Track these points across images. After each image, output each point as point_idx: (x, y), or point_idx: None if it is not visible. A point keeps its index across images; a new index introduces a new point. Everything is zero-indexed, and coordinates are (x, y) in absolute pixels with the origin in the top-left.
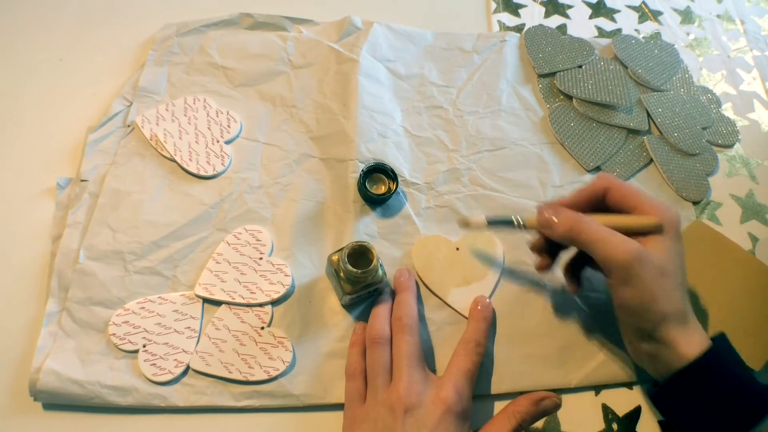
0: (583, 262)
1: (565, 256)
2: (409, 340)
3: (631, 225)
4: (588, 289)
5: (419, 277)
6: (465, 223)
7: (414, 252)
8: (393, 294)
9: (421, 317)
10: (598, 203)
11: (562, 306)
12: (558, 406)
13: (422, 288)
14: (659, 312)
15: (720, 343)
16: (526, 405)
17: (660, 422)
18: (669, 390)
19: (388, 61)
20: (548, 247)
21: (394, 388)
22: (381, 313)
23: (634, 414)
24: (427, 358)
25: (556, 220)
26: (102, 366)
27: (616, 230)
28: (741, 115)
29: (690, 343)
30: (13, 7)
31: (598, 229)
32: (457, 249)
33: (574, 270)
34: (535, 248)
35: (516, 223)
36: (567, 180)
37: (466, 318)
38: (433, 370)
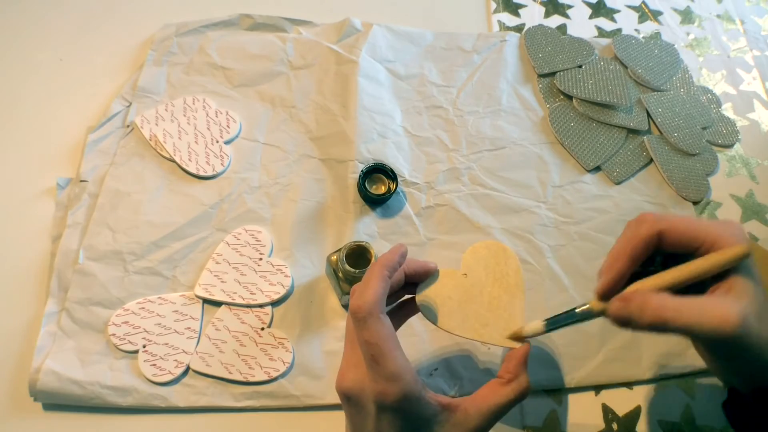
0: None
1: None
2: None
3: (709, 268)
4: (589, 288)
5: (442, 329)
6: (519, 337)
7: (420, 302)
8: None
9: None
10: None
11: (562, 306)
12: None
13: (455, 337)
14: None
15: None
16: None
17: (660, 422)
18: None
19: (387, 62)
20: None
21: None
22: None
23: (634, 414)
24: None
25: (632, 315)
26: (102, 366)
27: (686, 284)
28: (741, 115)
29: None
30: (13, 6)
31: (686, 309)
32: (465, 275)
33: None
34: None
35: (581, 317)
36: (567, 180)
37: (510, 347)
38: (431, 372)
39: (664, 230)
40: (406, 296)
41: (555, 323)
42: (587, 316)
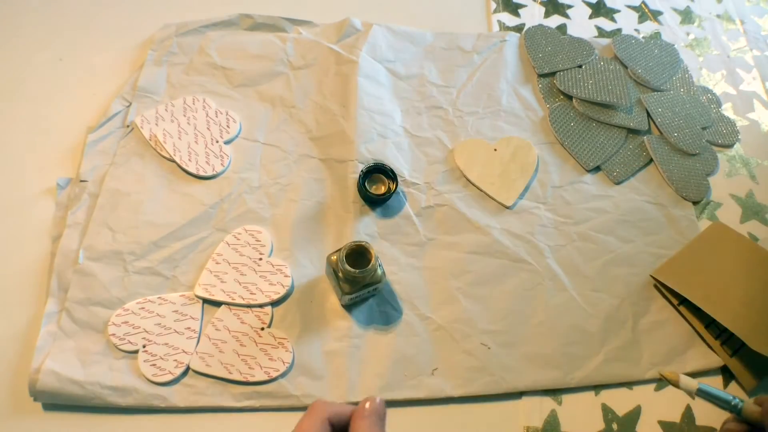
0: None
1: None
2: None
3: None
4: (588, 288)
5: (462, 173)
6: (673, 382)
7: (456, 152)
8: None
9: (422, 317)
10: None
11: (562, 306)
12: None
13: (465, 182)
14: None
15: None
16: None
17: (660, 422)
18: None
19: (387, 62)
20: None
21: None
22: None
23: (634, 414)
24: (425, 358)
25: None
26: (102, 366)
27: None
28: (741, 115)
29: None
30: (13, 6)
31: None
32: (495, 150)
33: None
34: None
35: (733, 407)
36: (567, 180)
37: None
38: (431, 371)
39: None
40: None
41: (707, 394)
42: (738, 412)
